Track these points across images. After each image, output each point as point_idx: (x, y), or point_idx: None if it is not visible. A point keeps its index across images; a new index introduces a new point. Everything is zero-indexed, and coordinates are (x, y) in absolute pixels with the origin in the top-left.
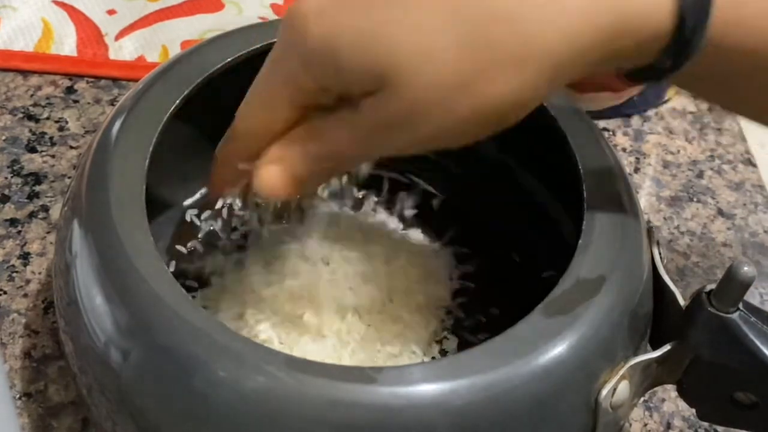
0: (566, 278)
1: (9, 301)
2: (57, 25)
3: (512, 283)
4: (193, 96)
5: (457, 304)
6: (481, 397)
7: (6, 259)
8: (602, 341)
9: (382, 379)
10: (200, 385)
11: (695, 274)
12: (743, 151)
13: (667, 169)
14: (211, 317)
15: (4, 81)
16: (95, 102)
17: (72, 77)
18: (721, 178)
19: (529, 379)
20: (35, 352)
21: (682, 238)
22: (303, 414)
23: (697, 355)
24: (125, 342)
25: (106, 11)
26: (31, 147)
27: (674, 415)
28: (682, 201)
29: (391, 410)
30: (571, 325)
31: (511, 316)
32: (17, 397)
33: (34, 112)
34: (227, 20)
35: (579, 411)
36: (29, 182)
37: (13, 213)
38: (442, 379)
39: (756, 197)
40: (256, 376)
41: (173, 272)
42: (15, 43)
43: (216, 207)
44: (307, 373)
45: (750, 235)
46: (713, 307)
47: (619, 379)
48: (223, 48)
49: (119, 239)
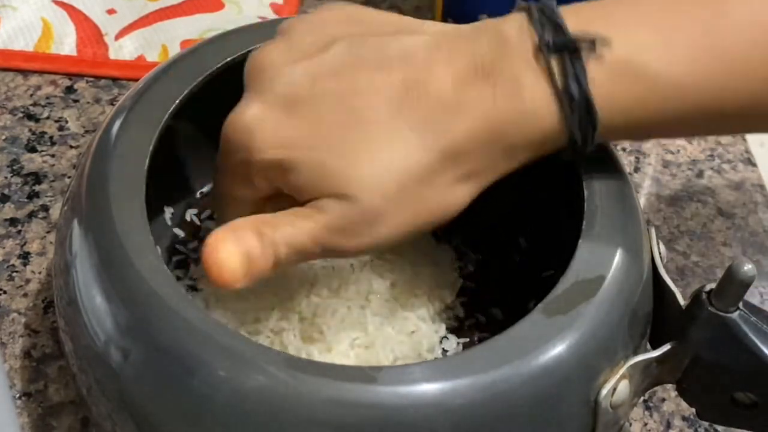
0: (566, 278)
1: (9, 301)
2: (57, 24)
3: (512, 283)
4: (194, 95)
5: (457, 304)
6: (481, 396)
7: (6, 258)
8: (602, 341)
9: (382, 378)
10: (200, 385)
11: (695, 273)
12: (743, 151)
13: (667, 168)
14: (210, 317)
15: (4, 81)
16: (95, 101)
17: (72, 77)
18: (721, 177)
19: (529, 378)
20: (35, 351)
21: (682, 238)
22: (303, 414)
23: (697, 355)
24: (125, 342)
25: (105, 11)
26: (31, 147)
27: (674, 414)
28: (681, 200)
29: (392, 410)
30: (571, 325)
31: (511, 316)
32: (17, 396)
33: (34, 111)
34: (227, 20)
35: (579, 410)
36: (29, 182)
37: (12, 212)
38: (442, 378)
39: (756, 196)
40: (256, 376)
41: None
42: (15, 42)
43: None
44: (307, 373)
45: (750, 234)
46: (713, 306)
47: (619, 379)
48: (223, 47)
49: (119, 239)
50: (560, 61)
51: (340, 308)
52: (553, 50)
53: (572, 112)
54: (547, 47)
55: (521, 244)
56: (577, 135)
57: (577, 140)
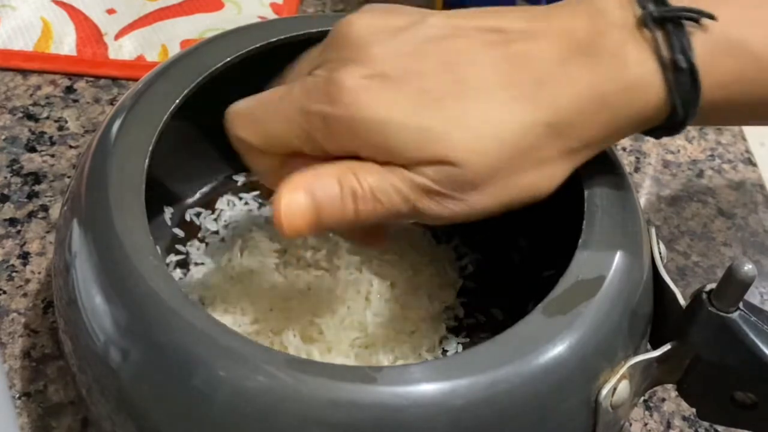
0: (566, 278)
1: (8, 301)
2: (56, 24)
3: (512, 283)
4: (193, 95)
5: (457, 304)
6: (481, 396)
7: (5, 258)
8: (602, 341)
9: (381, 378)
10: (200, 385)
11: (695, 273)
12: (743, 150)
13: (667, 168)
14: (210, 317)
15: (3, 80)
16: (95, 101)
17: (71, 77)
18: (722, 177)
19: (529, 378)
20: (35, 351)
21: (683, 238)
22: (303, 414)
23: (697, 355)
24: (125, 342)
25: (105, 10)
26: (31, 146)
27: (674, 414)
28: (682, 200)
29: (391, 409)
30: (571, 325)
31: (511, 316)
32: (17, 396)
33: (34, 111)
34: (227, 19)
35: (579, 410)
36: (29, 182)
37: (12, 212)
38: (442, 378)
39: (756, 196)
40: (255, 376)
41: (172, 271)
42: (14, 42)
43: (216, 207)
44: (307, 373)
45: (750, 234)
46: (713, 306)
47: (620, 379)
48: (223, 47)
49: (119, 239)
50: (665, 33)
51: (340, 308)
52: (657, 22)
53: (678, 84)
54: (651, 19)
55: (521, 244)
56: (680, 108)
57: (678, 113)
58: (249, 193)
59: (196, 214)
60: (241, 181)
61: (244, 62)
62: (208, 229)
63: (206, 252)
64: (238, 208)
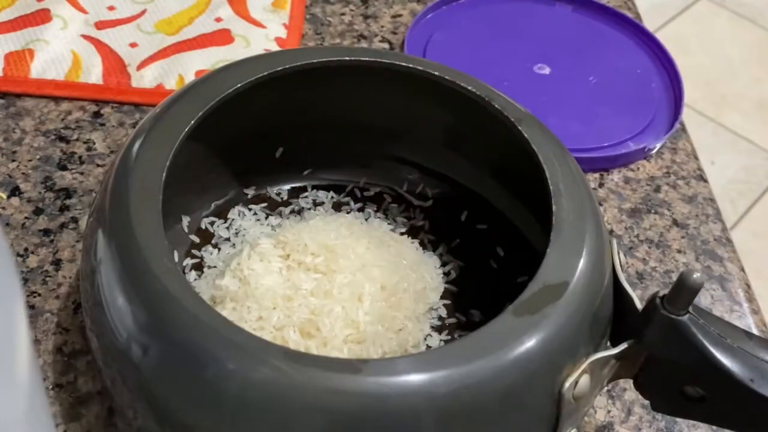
0: (534, 283)
1: (43, 302)
2: (85, 56)
3: (490, 288)
4: (206, 118)
5: (441, 305)
6: (457, 386)
7: (40, 264)
8: (566, 339)
9: (367, 369)
10: (211, 377)
11: (653, 277)
12: (696, 168)
13: (628, 184)
14: (220, 315)
15: (38, 106)
16: (119, 125)
17: (98, 103)
18: (676, 192)
19: (500, 371)
20: (66, 347)
21: (642, 246)
22: (300, 401)
23: (651, 353)
24: (144, 339)
25: (128, 44)
26: (62, 165)
27: (634, 403)
28: (641, 212)
29: (376, 397)
30: (538, 325)
31: (488, 316)
32: (50, 387)
33: (65, 134)
34: (236, 52)
35: (544, 400)
36: (60, 197)
37: (46, 224)
38: (423, 370)
39: (707, 209)
40: (260, 368)
41: (188, 272)
42: (48, 72)
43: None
44: (302, 364)
45: (702, 242)
46: (666, 310)
47: (581, 373)
48: (233, 75)
49: (138, 246)
50: None
51: (335, 308)
52: None
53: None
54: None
55: (499, 253)
56: None
57: None
58: (258, 205)
59: (210, 223)
60: (251, 194)
61: (253, 88)
62: (220, 236)
63: (218, 256)
64: (248, 218)
